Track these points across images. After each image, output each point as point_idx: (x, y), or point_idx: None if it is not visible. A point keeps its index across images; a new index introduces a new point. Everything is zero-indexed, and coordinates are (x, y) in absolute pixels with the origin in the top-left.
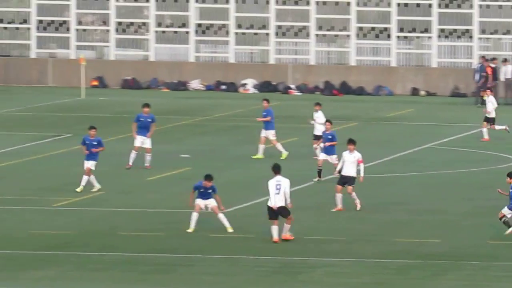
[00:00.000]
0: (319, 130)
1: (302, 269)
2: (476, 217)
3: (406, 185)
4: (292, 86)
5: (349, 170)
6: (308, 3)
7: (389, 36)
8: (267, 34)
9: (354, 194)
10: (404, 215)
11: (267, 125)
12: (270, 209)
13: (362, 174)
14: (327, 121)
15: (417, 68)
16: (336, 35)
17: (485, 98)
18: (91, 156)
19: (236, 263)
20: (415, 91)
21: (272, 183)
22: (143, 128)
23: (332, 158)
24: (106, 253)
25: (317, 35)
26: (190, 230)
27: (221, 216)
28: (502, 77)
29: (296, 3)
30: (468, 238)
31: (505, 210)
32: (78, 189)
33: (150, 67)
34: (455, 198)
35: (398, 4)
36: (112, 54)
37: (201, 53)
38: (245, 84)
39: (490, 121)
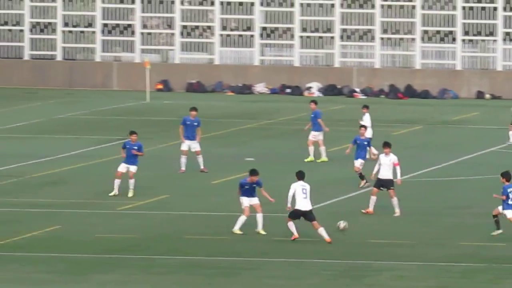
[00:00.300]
0: (368, 133)
1: (367, 273)
2: None
3: (471, 188)
4: (357, 89)
5: (386, 173)
6: (373, 6)
7: (454, 39)
8: (332, 37)
9: (395, 199)
10: (469, 219)
11: (315, 127)
12: (297, 211)
13: (398, 176)
14: (362, 126)
15: (482, 71)
16: (401, 39)
17: None
18: (131, 161)
19: (301, 267)
20: (480, 95)
21: (298, 188)
22: (190, 132)
23: (357, 163)
24: (171, 257)
25: (382, 38)
26: (236, 231)
27: (259, 216)
28: None
29: (361, 6)
30: None
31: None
32: (111, 194)
33: (215, 71)
34: None
35: (463, 8)
36: (177, 58)
37: (266, 56)
38: (310, 87)
39: None
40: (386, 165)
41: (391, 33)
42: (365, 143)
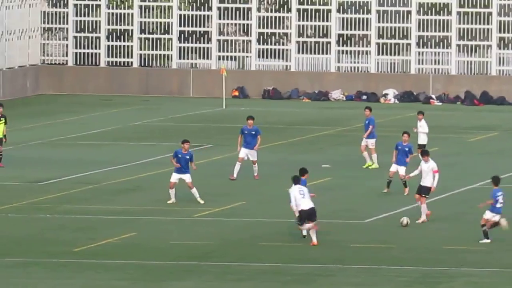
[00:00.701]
0: (423, 139)
1: (442, 279)
2: None
3: None
4: (433, 96)
5: (426, 180)
6: (449, 13)
7: None
8: (409, 44)
9: (424, 205)
10: None
11: (370, 134)
12: (302, 212)
13: (435, 184)
14: (405, 132)
15: None
16: (477, 45)
17: None
18: (183, 170)
19: (377, 273)
20: None
21: (295, 191)
22: (248, 141)
23: (402, 170)
24: (247, 263)
25: (458, 45)
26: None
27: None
28: None
29: (437, 13)
30: None
31: (488, 214)
32: (169, 202)
33: (291, 77)
34: None
35: None
36: (253, 64)
37: (342, 63)
38: (386, 94)
39: None
40: (426, 173)
41: (467, 40)
42: (406, 149)
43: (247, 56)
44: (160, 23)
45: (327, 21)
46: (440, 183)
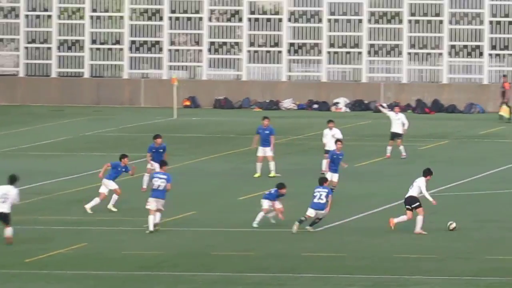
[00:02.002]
0: (329, 146)
1: (394, 287)
2: None
3: (499, 202)
4: (384, 104)
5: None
6: (400, 22)
7: (481, 53)
8: (360, 52)
9: (420, 216)
10: (497, 233)
11: (267, 143)
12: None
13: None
14: (338, 140)
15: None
16: (428, 53)
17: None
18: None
19: (328, 282)
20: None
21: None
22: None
23: (335, 177)
24: (198, 273)
25: (409, 53)
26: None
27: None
28: None
29: (388, 21)
30: None
31: (310, 211)
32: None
33: (242, 87)
34: None
35: (491, 22)
36: (205, 74)
37: (294, 72)
38: (337, 103)
39: None
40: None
41: (419, 48)
42: (340, 157)
43: (198, 66)
44: (112, 33)
45: (278, 30)
46: (391, 191)
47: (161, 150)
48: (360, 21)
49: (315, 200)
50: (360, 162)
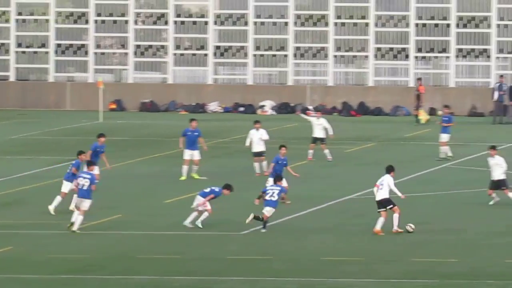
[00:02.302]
0: (258, 147)
1: None
2: (493, 236)
3: (425, 205)
4: (310, 107)
5: (379, 194)
6: (326, 24)
7: (407, 56)
8: (286, 55)
9: (395, 215)
10: (422, 235)
11: (194, 146)
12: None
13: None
14: (282, 146)
15: (435, 88)
16: (354, 56)
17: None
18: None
19: (255, 285)
20: (432, 111)
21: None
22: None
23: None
24: (125, 276)
25: (335, 56)
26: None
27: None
28: None
29: (314, 24)
30: (485, 257)
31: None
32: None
33: (168, 90)
34: (473, 218)
35: (416, 25)
36: (131, 77)
37: (220, 75)
38: (263, 106)
39: None
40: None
41: (344, 51)
42: (285, 162)
43: (124, 69)
44: (37, 36)
45: (204, 33)
46: (318, 194)
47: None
48: (286, 24)
49: (267, 198)
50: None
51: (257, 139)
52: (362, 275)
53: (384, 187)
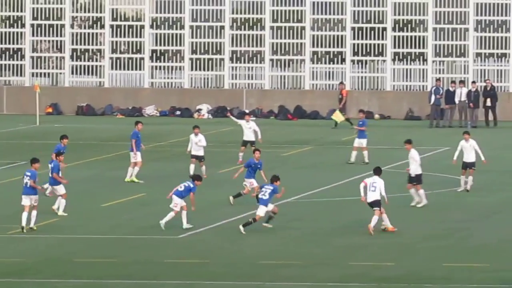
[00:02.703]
0: (196, 152)
1: None
2: (431, 240)
3: (362, 208)
4: (247, 111)
5: (371, 196)
6: (263, 28)
7: (343, 60)
8: (222, 59)
9: (384, 215)
10: (359, 239)
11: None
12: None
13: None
14: (256, 150)
15: (371, 92)
16: (291, 60)
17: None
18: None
19: None
20: (369, 115)
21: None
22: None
23: (253, 182)
24: (61, 280)
25: (271, 59)
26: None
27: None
28: (456, 100)
29: (250, 28)
30: (423, 261)
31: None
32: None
33: (105, 94)
34: (410, 221)
35: (353, 28)
36: (67, 81)
37: (156, 79)
38: (200, 109)
39: None
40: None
41: (281, 55)
42: (259, 166)
43: (60, 73)
44: None
45: (140, 37)
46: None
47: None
48: (222, 27)
49: (260, 196)
50: (223, 169)
51: (194, 144)
52: (300, 279)
53: (377, 189)
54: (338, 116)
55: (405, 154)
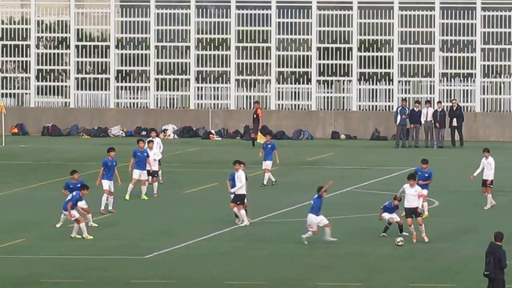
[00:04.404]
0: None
1: None
2: (397, 260)
3: (335, 227)
4: (213, 131)
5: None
6: (228, 48)
7: (309, 80)
8: (188, 79)
9: (422, 226)
10: (326, 259)
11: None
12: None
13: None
14: (240, 162)
15: (337, 112)
16: (257, 80)
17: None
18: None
19: None
20: (335, 135)
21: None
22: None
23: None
24: None
25: (237, 80)
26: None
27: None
28: (422, 120)
29: (216, 48)
30: (389, 281)
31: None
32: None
33: (70, 114)
34: (377, 241)
35: (318, 48)
36: (33, 101)
37: (122, 99)
38: (166, 129)
39: None
40: (412, 196)
41: (247, 75)
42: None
43: (26, 93)
44: None
45: (106, 57)
46: (219, 217)
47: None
48: (187, 47)
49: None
50: (189, 189)
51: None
52: None
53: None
54: (261, 137)
55: (370, 173)
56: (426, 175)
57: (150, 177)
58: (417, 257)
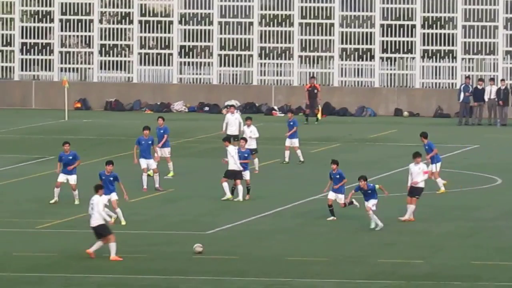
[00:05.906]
0: (253, 144)
1: None
2: (459, 237)
3: (390, 205)
4: (275, 107)
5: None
6: (291, 25)
7: (372, 57)
8: (251, 55)
9: (413, 206)
10: (388, 236)
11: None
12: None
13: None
14: (242, 138)
15: (400, 89)
16: (320, 56)
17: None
18: (68, 171)
19: (220, 285)
20: (398, 112)
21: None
22: (145, 151)
23: (246, 175)
24: (90, 275)
25: (300, 56)
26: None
27: (118, 211)
28: (486, 98)
29: (279, 24)
30: (451, 258)
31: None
32: (52, 201)
33: (133, 89)
34: (439, 219)
35: (382, 25)
36: (96, 76)
37: (185, 74)
38: (229, 105)
39: None
40: (416, 174)
41: (309, 51)
42: (246, 155)
43: (89, 68)
44: (2, 35)
45: (169, 32)
46: (282, 194)
47: (150, 142)
48: (251, 23)
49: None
50: (251, 165)
51: (247, 136)
52: (327, 276)
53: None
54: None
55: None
56: (427, 147)
57: (254, 152)
58: (479, 235)
